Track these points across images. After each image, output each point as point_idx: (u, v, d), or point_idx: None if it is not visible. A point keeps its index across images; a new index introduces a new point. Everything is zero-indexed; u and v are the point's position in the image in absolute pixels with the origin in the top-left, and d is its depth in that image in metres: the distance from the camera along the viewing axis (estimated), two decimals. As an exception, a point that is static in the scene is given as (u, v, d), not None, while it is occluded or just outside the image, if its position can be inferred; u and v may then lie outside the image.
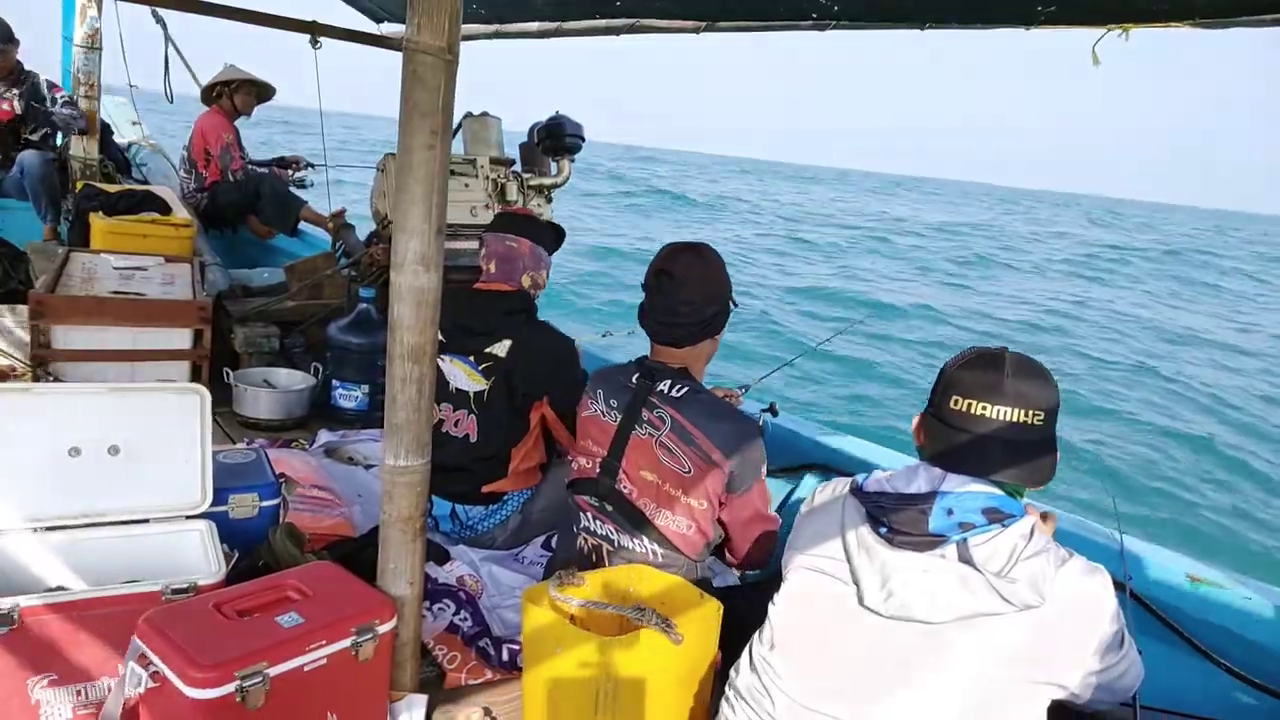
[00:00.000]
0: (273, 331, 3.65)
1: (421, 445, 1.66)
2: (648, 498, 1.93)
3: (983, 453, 1.39)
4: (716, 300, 1.99)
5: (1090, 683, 1.33)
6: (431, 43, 1.49)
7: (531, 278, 2.54)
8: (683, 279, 1.95)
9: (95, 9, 4.39)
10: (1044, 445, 1.40)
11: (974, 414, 1.40)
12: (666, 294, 1.96)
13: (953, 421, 1.42)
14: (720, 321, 2.02)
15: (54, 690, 1.53)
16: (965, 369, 1.44)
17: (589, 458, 2.04)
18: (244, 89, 4.98)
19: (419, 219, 1.55)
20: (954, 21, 2.46)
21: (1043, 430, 1.39)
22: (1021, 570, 1.30)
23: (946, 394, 1.44)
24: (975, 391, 1.40)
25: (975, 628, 1.32)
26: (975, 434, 1.40)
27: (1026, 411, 1.37)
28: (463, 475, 2.46)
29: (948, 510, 1.37)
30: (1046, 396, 1.39)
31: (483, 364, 2.43)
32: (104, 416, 1.79)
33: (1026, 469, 1.38)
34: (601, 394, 2.03)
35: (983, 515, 1.35)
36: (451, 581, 2.24)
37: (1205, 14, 1.75)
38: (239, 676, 1.36)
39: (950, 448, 1.42)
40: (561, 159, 3.93)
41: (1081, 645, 1.31)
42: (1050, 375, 1.43)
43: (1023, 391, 1.38)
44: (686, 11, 3.18)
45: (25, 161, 4.39)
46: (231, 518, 2.01)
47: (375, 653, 1.57)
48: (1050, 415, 1.40)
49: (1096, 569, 1.34)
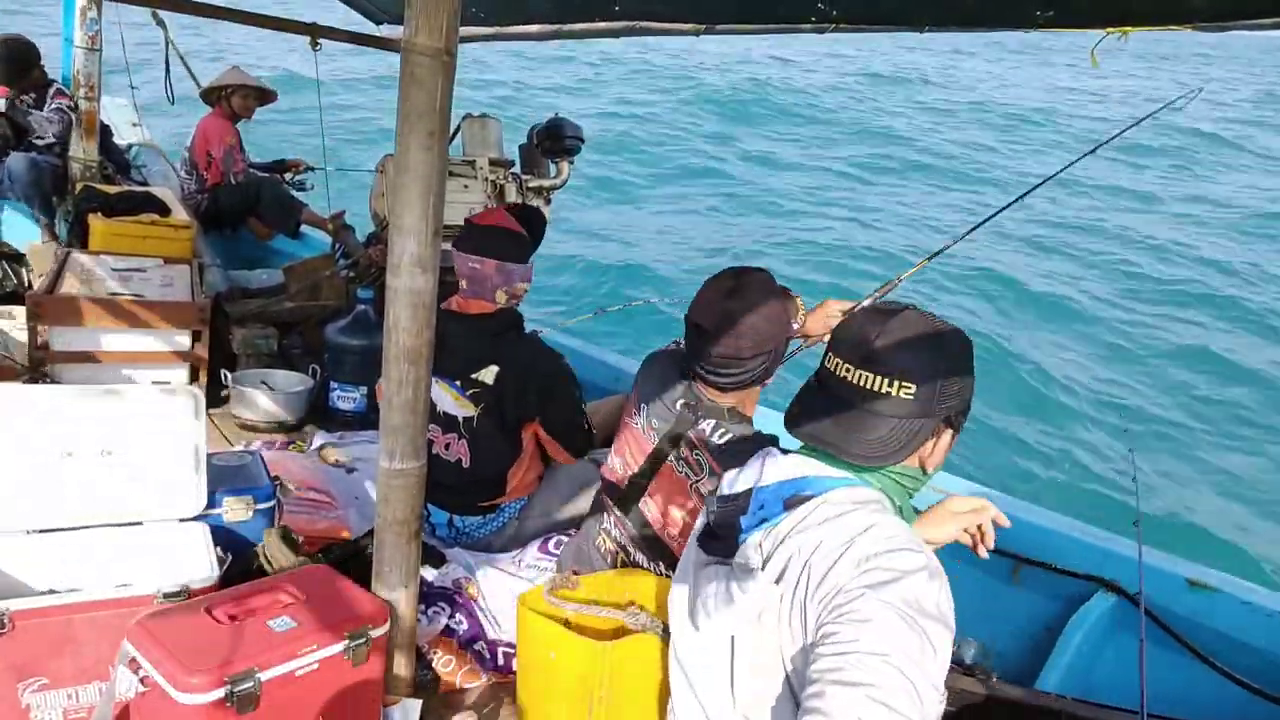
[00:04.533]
0: (271, 333, 3.64)
1: (417, 448, 1.66)
2: (670, 528, 1.87)
3: (825, 418, 1.25)
4: (770, 344, 1.82)
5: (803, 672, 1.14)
6: (429, 44, 1.49)
7: (506, 292, 2.39)
8: (732, 329, 1.77)
9: (95, 11, 4.39)
10: (907, 427, 1.24)
11: (839, 374, 1.27)
12: (710, 341, 1.79)
13: (823, 379, 1.31)
14: (779, 358, 1.87)
15: (45, 694, 1.53)
16: (852, 318, 1.33)
17: (622, 463, 1.99)
18: (242, 92, 4.96)
19: (416, 220, 1.54)
20: (953, 24, 2.46)
21: (910, 407, 1.23)
22: (776, 558, 1.19)
23: (827, 346, 1.33)
24: (846, 347, 1.27)
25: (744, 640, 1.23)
26: (833, 396, 1.27)
27: (890, 381, 1.23)
28: (460, 495, 2.43)
29: (759, 505, 1.27)
30: (923, 367, 1.24)
31: (469, 390, 2.34)
32: (98, 419, 1.79)
33: (872, 449, 1.23)
34: (646, 410, 1.93)
35: (781, 505, 1.25)
36: (447, 584, 2.23)
37: (1203, 17, 1.74)
38: (229, 681, 1.35)
39: (808, 410, 1.29)
40: (560, 161, 3.92)
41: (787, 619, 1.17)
42: (950, 345, 1.27)
43: (892, 355, 1.23)
44: (685, 13, 3.17)
45: (11, 167, 4.35)
46: (226, 521, 1.99)
47: (369, 657, 1.56)
48: (926, 390, 1.23)
49: (887, 553, 1.12)
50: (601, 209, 11.56)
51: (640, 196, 12.41)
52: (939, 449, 1.30)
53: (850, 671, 1.04)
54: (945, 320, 1.31)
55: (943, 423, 1.28)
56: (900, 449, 1.24)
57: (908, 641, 1.06)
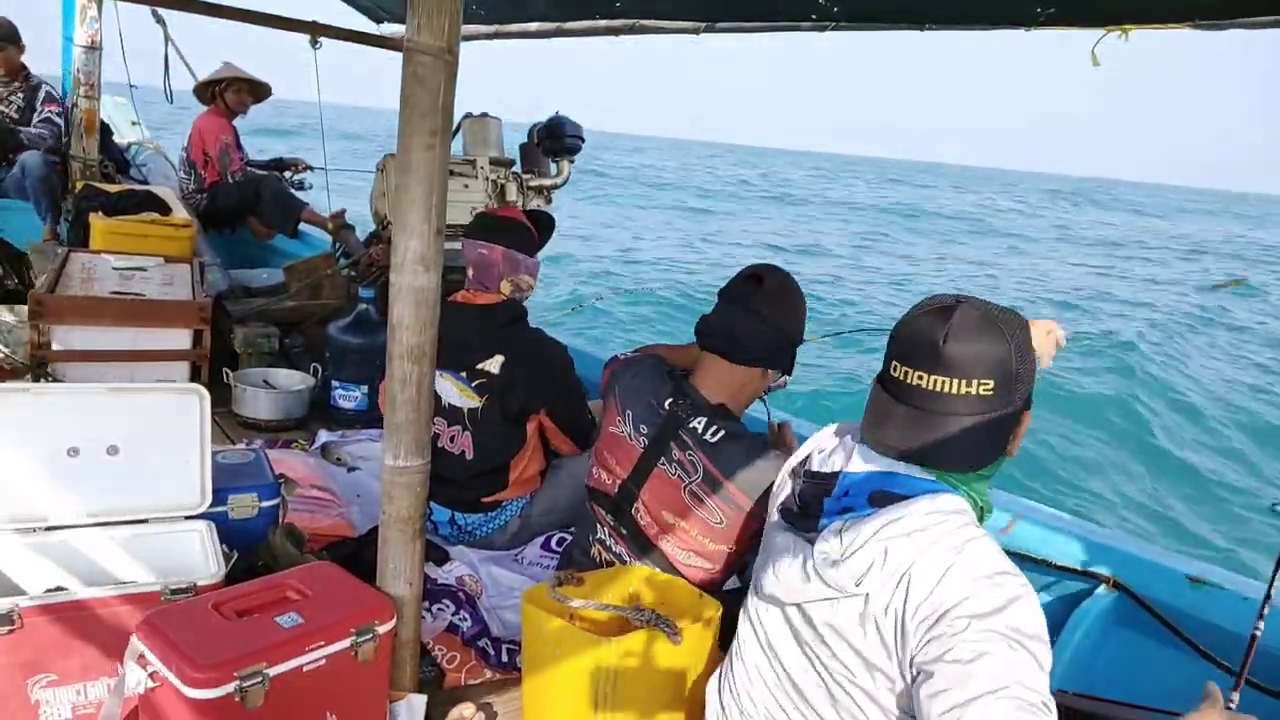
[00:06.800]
0: (272, 332, 3.65)
1: (421, 446, 1.66)
2: (666, 535, 1.86)
3: (912, 429, 1.22)
4: (790, 332, 1.85)
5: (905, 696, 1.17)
6: (431, 43, 1.49)
7: (512, 283, 2.44)
8: (771, 292, 1.80)
9: (95, 9, 4.39)
10: (993, 424, 1.21)
11: (910, 383, 1.23)
12: (745, 300, 1.80)
13: (892, 390, 1.26)
14: (780, 360, 1.88)
15: (53, 690, 1.53)
16: (909, 325, 1.27)
17: (609, 473, 1.96)
18: (235, 87, 4.93)
19: (418, 219, 1.55)
20: (953, 23, 2.46)
21: (991, 402, 1.20)
22: (858, 556, 1.17)
23: (888, 355, 1.28)
24: (913, 357, 1.23)
25: (811, 611, 1.26)
26: (912, 407, 1.23)
27: (969, 382, 1.19)
28: (461, 489, 2.44)
29: (844, 491, 1.26)
30: (998, 359, 1.20)
31: (475, 380, 2.37)
32: (103, 417, 1.79)
33: (960, 451, 1.21)
34: (631, 416, 1.91)
35: (866, 499, 1.23)
36: (451, 582, 2.24)
37: (1204, 15, 1.75)
38: (238, 677, 1.36)
39: (882, 421, 1.25)
40: (561, 160, 3.93)
41: (890, 645, 1.17)
42: (1010, 328, 1.23)
43: (966, 356, 1.19)
44: (686, 12, 3.18)
45: (26, 162, 4.39)
46: (231, 518, 2.00)
47: (375, 653, 1.57)
48: (1004, 382, 1.21)
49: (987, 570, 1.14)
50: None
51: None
52: (1020, 432, 1.27)
53: (974, 713, 1.06)
54: (994, 303, 1.27)
55: (1022, 406, 1.25)
56: (992, 447, 1.23)
57: (1020, 669, 1.08)
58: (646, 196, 18.05)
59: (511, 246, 2.43)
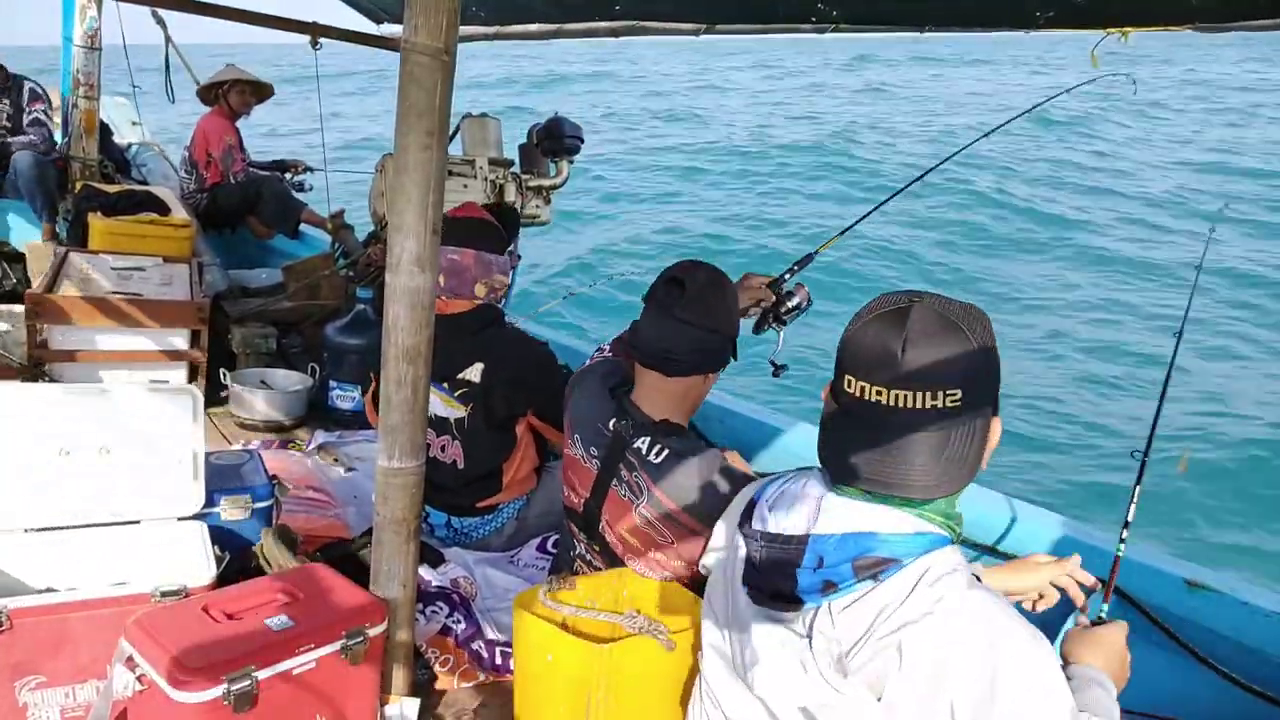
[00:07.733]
0: (270, 332, 3.65)
1: (416, 447, 1.65)
2: (630, 553, 1.83)
3: (877, 457, 1.07)
4: (724, 331, 1.78)
5: None
6: (429, 43, 1.49)
7: (486, 285, 2.37)
8: (694, 297, 1.71)
9: (95, 9, 4.39)
10: (964, 440, 1.07)
11: (868, 399, 1.08)
12: (669, 309, 1.72)
13: (848, 406, 1.11)
14: (718, 361, 1.79)
15: (42, 692, 1.52)
16: (861, 334, 1.12)
17: (575, 493, 1.93)
18: (238, 88, 4.95)
19: (415, 219, 1.54)
20: (953, 25, 2.46)
21: (960, 415, 1.06)
22: (866, 653, 1.02)
23: (840, 366, 1.13)
24: (868, 369, 1.08)
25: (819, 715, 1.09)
26: (874, 429, 1.08)
27: (934, 394, 1.05)
28: (456, 495, 2.43)
29: (818, 560, 1.09)
30: (962, 364, 1.07)
31: (457, 390, 2.34)
32: (96, 417, 1.79)
33: (933, 476, 1.06)
34: (580, 439, 1.87)
35: (850, 569, 1.06)
36: (445, 584, 2.23)
37: (1203, 18, 1.74)
38: (227, 680, 1.35)
39: (842, 446, 1.11)
40: (560, 160, 3.92)
41: None
42: (971, 326, 1.10)
43: (927, 364, 1.05)
44: (686, 13, 3.17)
45: (17, 162, 4.38)
46: (224, 519, 1.99)
47: (366, 656, 1.56)
48: (970, 390, 1.07)
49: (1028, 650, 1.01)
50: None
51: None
52: (993, 439, 1.14)
53: None
54: (951, 299, 1.15)
55: (991, 412, 1.13)
56: (967, 467, 1.09)
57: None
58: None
59: (482, 248, 2.37)
